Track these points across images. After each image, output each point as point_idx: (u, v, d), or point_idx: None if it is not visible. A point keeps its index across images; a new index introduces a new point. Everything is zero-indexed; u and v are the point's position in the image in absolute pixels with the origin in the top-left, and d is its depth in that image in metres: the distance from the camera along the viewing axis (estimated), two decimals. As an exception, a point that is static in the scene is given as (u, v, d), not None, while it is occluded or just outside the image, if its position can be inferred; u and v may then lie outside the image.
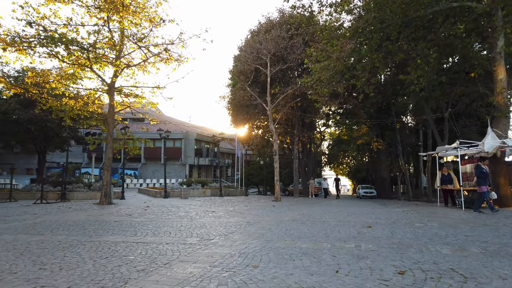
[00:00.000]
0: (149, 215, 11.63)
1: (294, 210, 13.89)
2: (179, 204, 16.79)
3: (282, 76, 23.37)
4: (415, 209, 14.48)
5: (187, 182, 25.56)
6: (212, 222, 9.75)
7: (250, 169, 42.02)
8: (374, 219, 10.16)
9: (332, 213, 12.38)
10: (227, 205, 16.07)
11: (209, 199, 21.23)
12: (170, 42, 16.01)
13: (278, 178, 20.08)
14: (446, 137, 19.30)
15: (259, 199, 22.50)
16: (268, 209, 13.96)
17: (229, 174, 61.19)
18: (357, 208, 15.43)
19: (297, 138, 25.58)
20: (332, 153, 61.08)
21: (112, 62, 16.19)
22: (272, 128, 20.00)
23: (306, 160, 30.80)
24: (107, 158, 16.69)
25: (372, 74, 16.36)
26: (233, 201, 19.27)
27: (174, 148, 49.53)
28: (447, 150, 14.47)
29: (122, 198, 20.54)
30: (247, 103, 23.96)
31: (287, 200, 21.46)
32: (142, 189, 26.91)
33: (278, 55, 21.95)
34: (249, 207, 14.97)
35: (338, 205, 17.66)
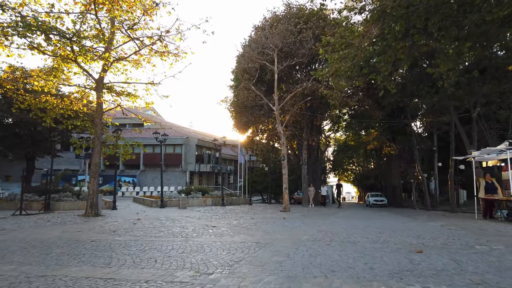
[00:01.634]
0: (136, 232, 9.60)
1: (309, 224, 11.80)
2: (176, 215, 14.74)
3: (289, 75, 21.43)
4: (451, 222, 12.39)
5: (186, 190, 23.50)
6: (212, 243, 7.69)
7: (253, 176, 39.94)
8: (416, 239, 8.08)
9: (358, 228, 10.29)
10: (230, 217, 14.00)
11: (210, 209, 19.16)
12: (166, 31, 14.06)
13: (287, 186, 18.04)
14: (474, 139, 17.27)
15: (265, 209, 20.41)
16: (278, 223, 11.89)
17: (232, 181, 59.09)
18: (382, 221, 13.33)
19: (306, 142, 23.55)
20: (337, 159, 59.11)
21: (101, 56, 14.27)
22: (280, 130, 17.99)
23: (313, 166, 28.72)
24: (94, 163, 14.68)
25: (395, 68, 14.39)
26: (236, 212, 17.20)
27: (174, 154, 47.55)
28: (490, 153, 12.40)
29: (113, 208, 18.50)
30: (252, 104, 21.99)
31: (296, 210, 19.36)
32: (138, 197, 24.86)
33: (285, 50, 20.03)
34: (255, 220, 12.90)
35: (357, 217, 15.56)
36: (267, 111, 21.98)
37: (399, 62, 14.32)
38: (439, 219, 14.10)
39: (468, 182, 33.94)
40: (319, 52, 13.83)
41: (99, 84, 14.65)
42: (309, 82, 18.99)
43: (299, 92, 19.25)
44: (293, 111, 19.45)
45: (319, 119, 22.56)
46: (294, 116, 22.20)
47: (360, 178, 67.44)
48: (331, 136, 48.24)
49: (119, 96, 15.68)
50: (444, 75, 14.04)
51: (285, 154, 18.14)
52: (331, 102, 14.95)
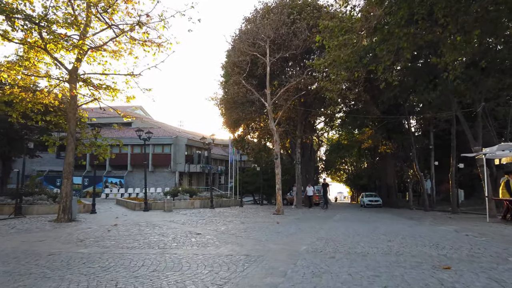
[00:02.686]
0: (107, 241, 8.25)
1: (306, 230, 10.54)
2: (158, 220, 13.38)
3: (282, 69, 20.19)
4: (463, 226, 11.24)
5: (173, 192, 22.09)
6: (193, 256, 6.39)
7: (245, 176, 38.64)
8: (435, 249, 6.87)
9: (362, 235, 9.06)
10: (218, 222, 12.69)
11: (198, 212, 17.83)
12: (146, 16, 12.69)
13: (280, 187, 16.77)
14: (479, 136, 16.21)
15: (256, 211, 19.13)
16: (271, 229, 10.61)
17: (222, 182, 57.69)
18: (385, 225, 12.14)
19: (299, 140, 22.33)
20: (329, 159, 58.18)
21: (74, 44, 12.85)
22: (273, 127, 16.73)
23: (307, 166, 27.53)
24: (67, 163, 13.25)
25: (397, 58, 13.23)
26: (225, 215, 15.89)
27: (163, 154, 46.05)
28: (505, 149, 11.28)
29: (92, 211, 17.05)
30: (242, 100, 20.69)
31: (290, 213, 18.11)
32: (121, 200, 23.37)
33: (278, 42, 18.78)
34: (246, 225, 11.61)
35: (357, 220, 14.34)
36: (258, 107, 20.71)
37: (401, 51, 13.15)
38: (447, 222, 12.96)
39: (465, 182, 33.11)
40: (316, 39, 12.62)
41: (72, 76, 13.22)
42: (304, 75, 17.77)
43: (293, 86, 18.02)
44: (286, 106, 18.20)
45: (313, 115, 21.34)
46: (287, 113, 20.97)
47: (353, 178, 66.59)
48: (324, 135, 47.22)
49: (98, 90, 14.26)
50: (450, 65, 12.91)
51: (278, 153, 16.88)
52: (328, 95, 13.73)
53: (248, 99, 20.40)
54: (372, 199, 35.31)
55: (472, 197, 31.54)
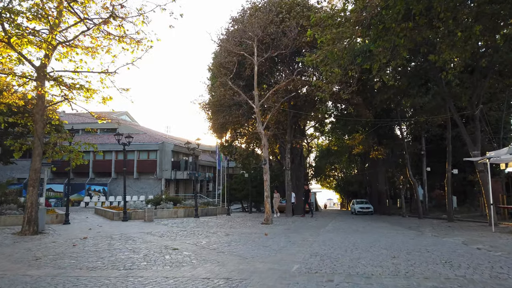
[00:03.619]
0: (67, 260, 7.06)
1: (297, 243, 9.45)
2: (135, 232, 12.15)
3: (271, 70, 19.22)
4: (469, 237, 10.29)
5: (155, 200, 20.80)
6: (162, 281, 5.25)
7: (233, 183, 37.48)
8: (449, 268, 5.85)
9: (361, 249, 8.01)
10: (201, 234, 11.52)
11: (181, 221, 16.61)
12: (120, 6, 11.58)
13: (269, 194, 15.67)
14: (478, 139, 15.43)
15: (244, 220, 18.00)
16: (259, 242, 9.49)
17: (211, 189, 56.31)
18: (385, 236, 11.12)
19: (289, 145, 21.31)
20: (319, 165, 57.40)
21: (43, 38, 11.67)
22: (261, 130, 15.67)
23: (297, 172, 26.49)
24: (33, 169, 11.97)
25: (393, 56, 12.36)
26: (210, 225, 14.71)
27: (148, 160, 44.59)
28: None
29: (65, 222, 15.70)
30: (229, 103, 19.61)
31: (280, 222, 17.01)
32: (99, 209, 21.97)
33: (267, 42, 17.84)
34: (230, 238, 10.47)
35: (352, 229, 13.27)
36: (246, 110, 19.66)
37: (398, 49, 12.28)
38: (450, 232, 11.99)
39: (458, 188, 32.51)
40: (307, 33, 11.67)
41: (40, 73, 12.01)
42: (294, 76, 16.83)
43: (282, 87, 17.03)
44: (275, 109, 17.18)
45: (303, 119, 20.36)
46: (276, 116, 19.97)
47: (343, 184, 65.83)
48: (314, 141, 46.42)
49: (71, 90, 13.03)
50: (448, 63, 12.10)
51: (266, 158, 15.82)
52: (320, 95, 12.77)
53: (235, 102, 19.34)
54: (363, 206, 34.48)
55: (465, 203, 30.93)
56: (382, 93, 17.22)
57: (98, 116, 13.18)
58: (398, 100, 22.90)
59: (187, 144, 19.88)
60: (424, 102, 25.02)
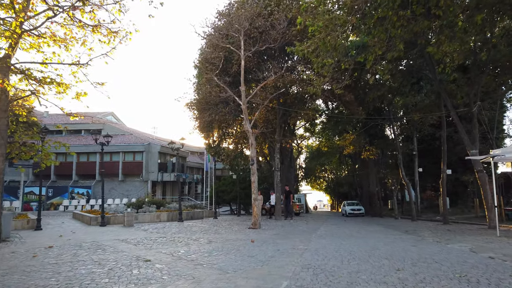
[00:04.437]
0: (14, 277, 5.98)
1: (287, 252, 8.48)
2: (109, 239, 11.04)
3: (259, 66, 18.25)
4: (474, 242, 9.44)
5: (137, 203, 19.64)
6: (117, 307, 4.24)
7: (221, 185, 36.40)
8: (465, 284, 4.95)
9: (359, 260, 7.07)
10: (181, 241, 10.47)
11: (163, 226, 15.52)
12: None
13: (256, 196, 14.67)
14: (476, 138, 14.70)
15: (230, 224, 16.98)
16: (243, 251, 8.49)
17: (199, 191, 55.05)
18: (383, 242, 10.22)
19: (279, 144, 20.37)
20: (309, 166, 56.70)
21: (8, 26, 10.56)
22: (248, 128, 14.68)
23: (287, 174, 25.59)
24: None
25: (389, 48, 11.53)
26: (193, 230, 13.66)
27: (134, 162, 43.18)
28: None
29: (37, 228, 14.49)
30: (215, 100, 18.58)
31: (268, 226, 16.03)
32: (77, 213, 20.70)
33: (254, 36, 16.88)
34: (213, 245, 9.44)
35: (345, 234, 12.35)
36: (233, 108, 18.66)
37: (394, 40, 11.45)
38: (450, 236, 11.12)
39: (449, 189, 31.99)
40: (297, 21, 10.74)
41: (3, 64, 10.86)
42: (283, 71, 15.90)
43: (270, 83, 16.10)
44: (263, 106, 16.20)
45: (293, 117, 19.46)
46: (264, 114, 19.03)
47: (333, 185, 65.26)
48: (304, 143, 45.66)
49: (41, 84, 11.89)
50: (448, 56, 11.30)
51: (254, 158, 14.85)
52: (310, 90, 11.83)
53: (222, 99, 18.34)
54: (354, 207, 33.77)
55: (457, 205, 30.39)
56: (375, 90, 16.42)
57: (70, 113, 12.04)
58: (390, 99, 22.19)
59: (170, 144, 18.79)
60: (417, 101, 24.41)
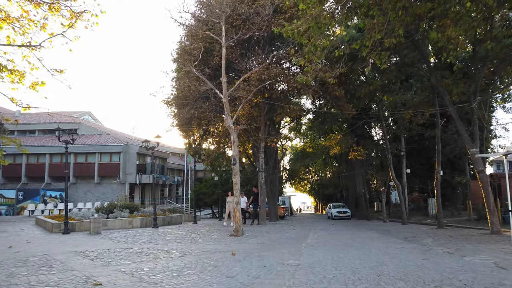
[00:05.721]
0: None
1: (274, 268, 7.01)
2: (64, 251, 9.33)
3: (242, 57, 16.79)
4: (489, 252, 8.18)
5: (108, 208, 17.87)
6: None
7: (202, 187, 34.80)
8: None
9: (366, 281, 5.66)
10: (149, 253, 8.86)
11: (134, 233, 13.84)
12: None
13: (239, 200, 13.14)
14: (476, 136, 13.63)
15: (210, 231, 15.42)
16: (221, 269, 6.96)
17: (180, 194, 53.17)
18: (387, 255, 8.85)
19: (263, 144, 18.94)
20: (293, 168, 55.62)
21: None
22: (230, 124, 13.18)
23: (272, 176, 24.19)
24: None
25: (387, 33, 10.29)
26: (167, 239, 12.04)
27: (111, 163, 41.05)
28: None
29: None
30: (194, 94, 17.03)
31: (252, 232, 14.50)
32: (40, 219, 18.78)
33: (237, 24, 15.45)
34: (185, 260, 7.87)
35: (340, 242, 10.93)
36: (214, 103, 17.15)
37: (393, 24, 10.19)
38: (458, 245, 9.79)
39: (438, 191, 31.29)
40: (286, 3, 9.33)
41: None
42: (268, 60, 14.49)
43: (254, 75, 14.67)
44: (247, 100, 14.73)
45: (279, 113, 18.09)
46: (248, 110, 17.59)
47: (317, 187, 64.36)
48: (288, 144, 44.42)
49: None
50: (453, 43, 10.11)
51: (236, 156, 13.35)
52: (301, 79, 10.43)
53: (202, 94, 16.80)
54: (340, 210, 32.74)
55: (445, 207, 29.62)
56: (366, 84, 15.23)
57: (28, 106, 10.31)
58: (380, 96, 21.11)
59: (145, 143, 17.11)
60: (406, 99, 23.48)
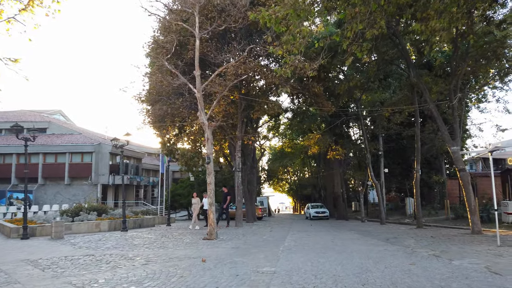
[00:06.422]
0: None
1: (248, 279, 6.31)
2: (15, 260, 8.32)
3: (217, 51, 16.02)
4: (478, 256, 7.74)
5: (74, 210, 16.72)
6: None
7: (178, 188, 33.79)
8: None
9: None
10: (110, 261, 7.98)
11: (100, 238, 12.85)
12: None
13: (213, 201, 12.33)
14: (457, 133, 13.35)
15: (183, 234, 14.57)
16: (188, 279, 6.19)
17: (156, 195, 51.76)
18: (370, 259, 8.27)
19: (240, 142, 18.22)
20: (272, 168, 55.24)
21: None
22: (203, 120, 12.37)
23: (249, 176, 23.50)
24: None
25: (369, 24, 9.79)
26: (135, 244, 11.14)
27: (82, 164, 39.38)
28: None
29: None
30: (167, 90, 16.13)
31: (228, 235, 13.76)
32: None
33: (213, 17, 14.68)
34: (148, 269, 7.04)
35: (321, 245, 10.30)
36: (188, 99, 16.30)
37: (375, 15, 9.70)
38: (443, 247, 9.30)
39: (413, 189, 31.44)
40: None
41: None
42: (245, 53, 13.78)
43: (231, 69, 13.92)
44: (222, 94, 13.96)
45: (256, 110, 17.36)
46: (224, 107, 16.83)
47: (296, 187, 64.25)
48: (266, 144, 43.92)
49: None
50: (437, 34, 9.71)
51: (210, 155, 12.57)
52: (279, 71, 9.79)
53: (175, 90, 15.94)
54: (318, 210, 32.50)
55: (423, 206, 29.76)
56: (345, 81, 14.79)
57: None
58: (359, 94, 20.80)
59: (114, 141, 16.08)
60: (385, 98, 23.30)
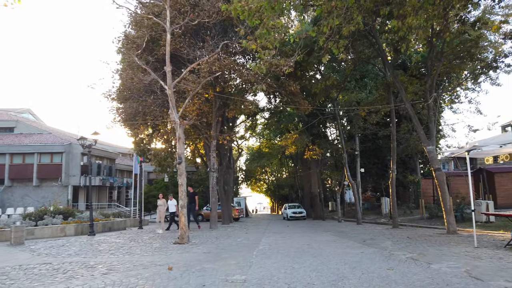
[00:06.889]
0: None
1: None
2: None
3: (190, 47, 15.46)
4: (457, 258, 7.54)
5: (38, 214, 15.76)
6: None
7: (152, 189, 32.96)
8: None
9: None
10: (68, 270, 7.34)
11: (64, 243, 12.07)
12: None
13: (184, 203, 11.75)
14: (433, 132, 13.33)
15: (153, 237, 13.94)
16: (154, 287, 5.69)
17: (130, 197, 50.41)
18: (346, 263, 7.94)
19: (215, 141, 17.69)
20: (249, 169, 54.97)
21: None
22: (175, 118, 11.77)
23: (225, 176, 22.99)
24: None
25: (346, 19, 9.52)
26: (100, 249, 10.47)
27: (52, 164, 37.82)
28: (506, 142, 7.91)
29: None
30: (138, 87, 15.46)
31: (200, 238, 13.23)
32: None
33: (186, 11, 14.11)
34: (107, 280, 6.42)
35: (296, 248, 9.93)
36: (160, 97, 15.67)
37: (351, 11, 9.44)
38: (420, 249, 9.08)
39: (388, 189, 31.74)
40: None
41: None
42: (219, 49, 13.30)
43: (204, 66, 13.40)
44: (195, 91, 13.41)
45: (232, 109, 16.87)
46: (198, 105, 16.27)
47: (273, 188, 64.21)
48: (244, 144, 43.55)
49: None
50: (413, 32, 9.54)
51: (182, 155, 11.99)
52: (254, 68, 9.38)
53: (146, 87, 15.28)
54: (295, 210, 32.39)
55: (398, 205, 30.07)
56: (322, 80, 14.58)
57: None
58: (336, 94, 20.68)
59: (81, 140, 15.25)
60: (362, 98, 23.33)
